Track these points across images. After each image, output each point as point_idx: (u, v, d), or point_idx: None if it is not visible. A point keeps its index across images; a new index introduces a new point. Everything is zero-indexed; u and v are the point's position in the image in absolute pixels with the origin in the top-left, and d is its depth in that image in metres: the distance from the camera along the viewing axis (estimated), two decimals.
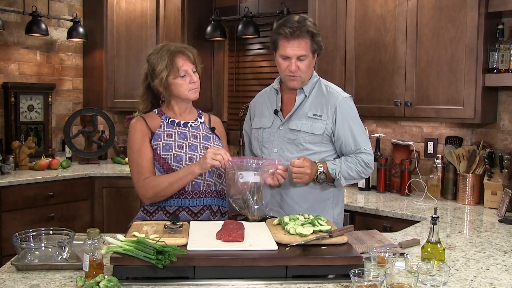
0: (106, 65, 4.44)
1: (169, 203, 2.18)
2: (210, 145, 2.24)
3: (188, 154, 2.18)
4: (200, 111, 2.38)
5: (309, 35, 2.16)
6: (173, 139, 2.21)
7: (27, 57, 4.38)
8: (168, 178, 2.12)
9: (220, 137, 2.36)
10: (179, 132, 2.24)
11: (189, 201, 2.18)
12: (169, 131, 2.23)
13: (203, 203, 2.20)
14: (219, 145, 2.29)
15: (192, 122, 2.29)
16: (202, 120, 2.34)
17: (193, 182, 2.18)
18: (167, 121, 2.25)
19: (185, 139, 2.22)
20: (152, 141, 2.19)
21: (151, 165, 2.18)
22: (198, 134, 2.27)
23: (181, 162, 2.16)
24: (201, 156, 2.16)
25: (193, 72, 2.21)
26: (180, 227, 1.83)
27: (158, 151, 2.18)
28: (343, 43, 3.43)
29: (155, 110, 2.30)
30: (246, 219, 2.05)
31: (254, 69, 4.58)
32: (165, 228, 1.83)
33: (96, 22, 4.53)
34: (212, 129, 2.34)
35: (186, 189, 2.17)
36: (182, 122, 2.26)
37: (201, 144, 2.23)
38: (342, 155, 2.26)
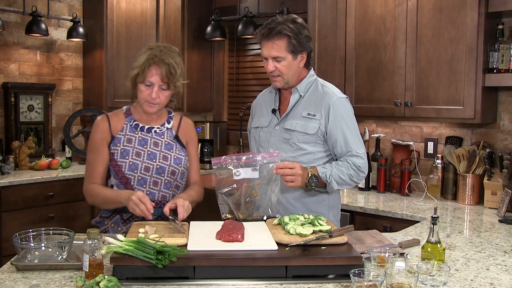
0: (106, 65, 4.45)
1: (125, 208, 2.08)
2: (171, 155, 2.19)
3: (145, 163, 2.14)
4: (172, 114, 2.30)
5: (285, 36, 2.14)
6: (132, 145, 2.16)
7: (27, 57, 4.38)
8: (104, 194, 2.14)
9: (190, 142, 2.29)
10: (140, 138, 2.18)
11: None
12: (130, 135, 2.18)
13: (158, 213, 2.14)
14: (182, 155, 2.22)
15: (157, 128, 2.22)
16: (169, 126, 2.25)
17: (148, 192, 2.15)
18: (131, 123, 2.20)
19: (145, 146, 2.17)
20: (111, 145, 2.16)
21: (103, 171, 2.17)
22: (160, 142, 2.20)
23: (135, 171, 2.13)
24: (158, 166, 2.14)
25: (162, 89, 2.10)
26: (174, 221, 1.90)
27: (115, 157, 2.15)
28: (343, 43, 3.43)
29: (124, 108, 2.25)
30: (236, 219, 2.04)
31: (254, 69, 4.57)
32: (170, 217, 1.91)
33: (96, 22, 4.53)
34: (176, 137, 2.25)
35: None
36: (146, 127, 2.20)
37: (161, 153, 2.18)
38: (336, 157, 2.24)
